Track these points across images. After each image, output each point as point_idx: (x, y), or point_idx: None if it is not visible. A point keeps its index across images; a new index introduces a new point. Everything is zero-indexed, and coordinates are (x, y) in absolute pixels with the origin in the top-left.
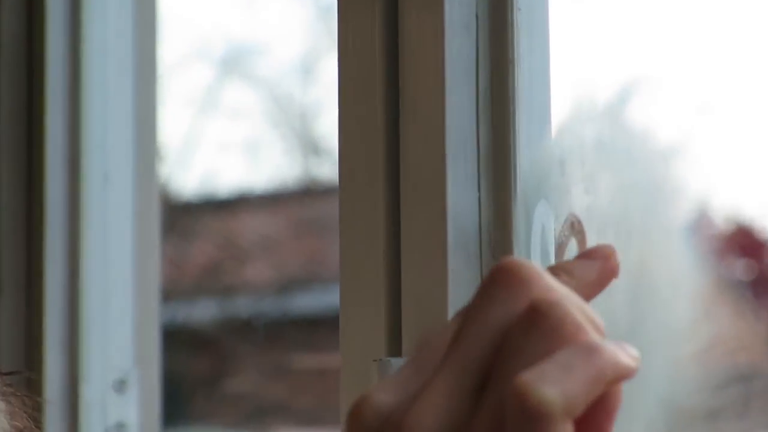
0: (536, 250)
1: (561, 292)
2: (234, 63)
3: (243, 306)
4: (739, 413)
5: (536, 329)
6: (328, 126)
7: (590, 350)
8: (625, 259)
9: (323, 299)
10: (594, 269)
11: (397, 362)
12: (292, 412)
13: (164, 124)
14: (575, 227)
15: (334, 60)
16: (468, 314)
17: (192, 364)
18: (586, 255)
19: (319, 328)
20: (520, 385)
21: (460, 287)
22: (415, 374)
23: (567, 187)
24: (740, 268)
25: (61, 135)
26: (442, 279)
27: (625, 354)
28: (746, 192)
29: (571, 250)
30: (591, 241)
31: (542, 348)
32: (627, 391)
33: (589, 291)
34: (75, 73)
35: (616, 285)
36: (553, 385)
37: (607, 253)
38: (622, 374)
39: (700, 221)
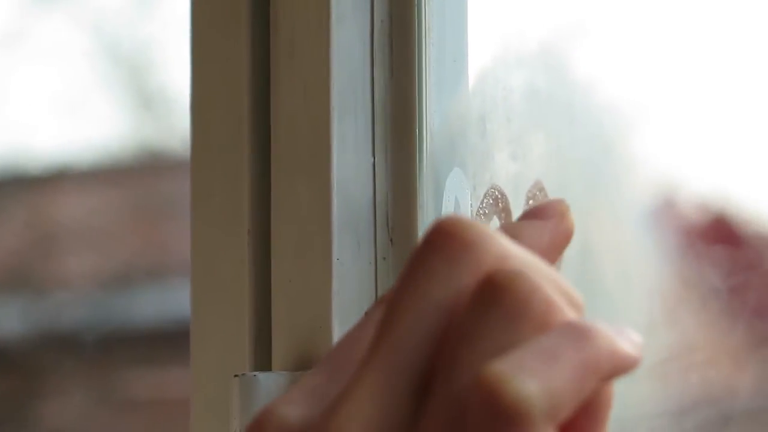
0: None
1: (522, 258)
2: None
3: (60, 311)
4: None
5: (496, 309)
6: (172, 75)
7: (581, 334)
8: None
9: (168, 302)
10: (546, 232)
11: (266, 378)
12: None
13: None
14: (498, 203)
15: None
16: (397, 294)
17: None
18: (533, 214)
19: (162, 339)
20: (489, 377)
21: (348, 281)
22: (331, 379)
23: (488, 150)
24: (715, 266)
25: None
26: (324, 271)
27: (626, 339)
28: (728, 175)
29: None
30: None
31: (506, 334)
32: None
33: (543, 260)
34: None
35: None
36: (533, 378)
37: (561, 210)
38: (622, 366)
39: (665, 207)
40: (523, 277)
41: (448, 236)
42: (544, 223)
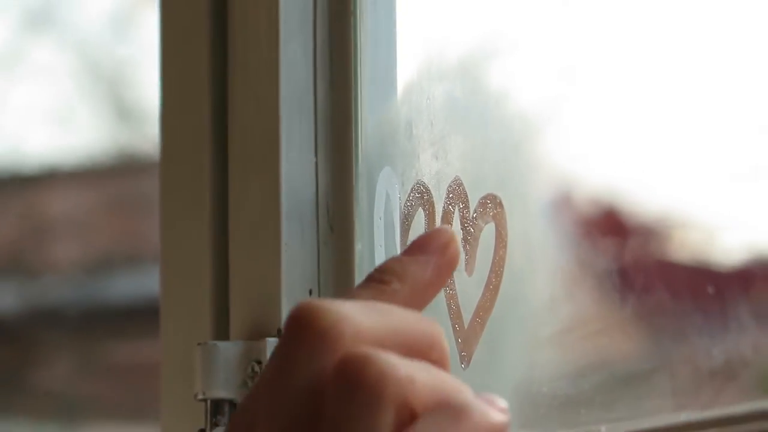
0: (380, 221)
1: (376, 332)
2: (37, 16)
3: (50, 291)
4: (599, 402)
5: (353, 398)
6: (145, 90)
7: (458, 414)
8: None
9: (142, 283)
10: (429, 267)
11: (224, 346)
12: (106, 408)
13: None
14: (423, 196)
15: (150, 13)
16: (261, 382)
17: None
18: (418, 247)
19: (137, 316)
20: None
21: (294, 263)
22: None
23: (414, 151)
24: (606, 251)
25: None
26: (275, 253)
27: (496, 409)
28: (617, 174)
29: (419, 221)
30: (440, 212)
31: (366, 419)
32: (479, 377)
33: (426, 292)
34: None
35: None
36: None
37: (444, 242)
38: None
39: (564, 201)
40: (372, 361)
41: (303, 326)
42: (427, 258)
